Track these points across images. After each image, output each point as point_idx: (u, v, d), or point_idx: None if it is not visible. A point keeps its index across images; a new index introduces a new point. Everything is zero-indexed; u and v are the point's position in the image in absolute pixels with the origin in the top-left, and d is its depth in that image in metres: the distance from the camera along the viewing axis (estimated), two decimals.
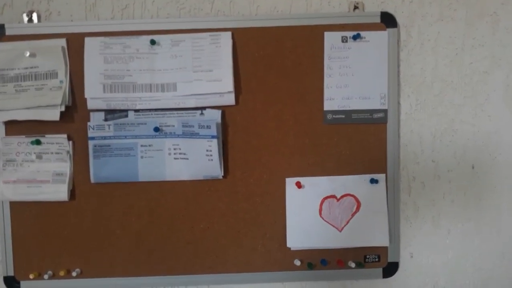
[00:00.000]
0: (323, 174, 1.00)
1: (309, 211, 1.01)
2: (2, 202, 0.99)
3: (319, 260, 1.03)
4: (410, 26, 1.01)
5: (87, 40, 0.97)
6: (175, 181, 1.00)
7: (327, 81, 0.98)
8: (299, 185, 1.00)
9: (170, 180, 1.00)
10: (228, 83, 0.96)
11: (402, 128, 1.03)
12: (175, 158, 0.99)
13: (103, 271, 1.02)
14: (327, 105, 0.99)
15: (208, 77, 0.96)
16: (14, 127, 0.98)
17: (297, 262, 1.02)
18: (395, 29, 0.99)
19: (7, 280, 1.01)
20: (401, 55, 1.01)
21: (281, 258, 1.02)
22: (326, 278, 1.04)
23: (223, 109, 0.98)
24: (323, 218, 1.01)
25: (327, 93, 0.99)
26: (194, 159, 0.98)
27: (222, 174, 0.99)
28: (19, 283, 1.01)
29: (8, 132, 0.98)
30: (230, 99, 0.97)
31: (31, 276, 1.00)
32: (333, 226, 1.01)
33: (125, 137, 0.99)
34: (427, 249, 1.06)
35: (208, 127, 0.97)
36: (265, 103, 0.99)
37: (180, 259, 1.02)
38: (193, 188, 1.00)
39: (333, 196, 1.01)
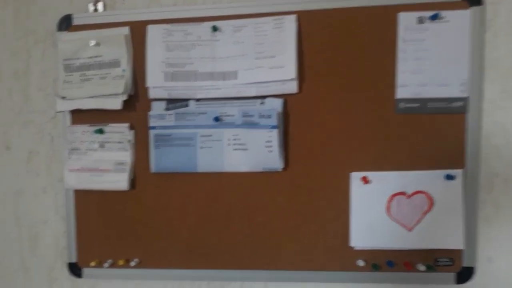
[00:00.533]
0: (393, 169, 0.93)
1: (376, 209, 0.94)
2: (68, 190, 1.02)
3: (385, 262, 0.95)
4: (497, 4, 0.91)
5: (149, 28, 0.96)
6: (233, 173, 0.97)
7: (400, 66, 0.91)
8: (365, 180, 0.93)
9: (228, 171, 0.97)
10: (291, 70, 0.92)
11: (485, 118, 0.92)
12: (234, 149, 0.96)
13: (160, 262, 1.01)
14: (400, 93, 0.91)
15: (270, 63, 0.92)
16: (79, 116, 1.00)
17: (361, 263, 0.95)
18: (479, 7, 0.89)
19: (71, 266, 1.03)
20: (486, 37, 0.91)
21: (343, 258, 0.96)
22: (392, 281, 0.96)
23: (285, 97, 0.94)
24: (391, 217, 0.93)
25: (400, 79, 0.91)
26: (253, 150, 0.95)
27: (282, 167, 0.95)
28: (81, 270, 1.03)
29: (74, 121, 1.00)
30: (292, 87, 0.93)
31: (92, 264, 1.02)
32: (402, 225, 0.93)
33: (186, 127, 0.97)
34: (508, 253, 0.95)
35: (269, 116, 0.93)
36: (330, 91, 0.93)
37: (237, 253, 0.99)
38: (251, 180, 0.97)
39: (403, 193, 0.93)
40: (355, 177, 0.94)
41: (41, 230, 1.05)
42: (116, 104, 0.96)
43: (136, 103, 0.98)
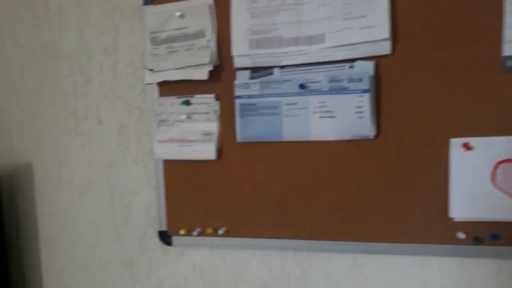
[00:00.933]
0: (498, 134, 0.84)
1: (479, 177, 0.86)
2: (157, 161, 1.05)
3: (488, 235, 0.88)
4: None
5: None
6: (320, 141, 0.94)
7: (508, 19, 0.82)
8: (467, 146, 0.86)
9: (315, 140, 0.94)
10: (383, 29, 0.86)
11: None
12: (320, 117, 0.93)
13: (247, 231, 1.01)
14: (508, 50, 0.82)
15: (360, 24, 0.87)
16: (166, 88, 1.02)
17: (461, 235, 0.89)
18: None
19: (161, 234, 1.08)
20: None
21: (441, 230, 0.90)
22: (497, 255, 0.88)
23: (377, 60, 0.88)
24: (496, 186, 0.85)
25: (508, 34, 0.82)
26: (342, 117, 0.91)
27: (374, 134, 0.90)
28: (171, 238, 1.07)
29: (161, 93, 1.02)
30: (385, 48, 0.87)
31: (181, 232, 1.05)
32: (509, 195, 0.85)
33: (270, 95, 0.95)
34: None
35: (360, 80, 0.89)
36: (427, 50, 0.86)
37: (324, 224, 0.96)
38: (339, 149, 0.93)
39: (510, 160, 0.85)
40: (456, 143, 0.87)
41: (133, 200, 1.10)
42: (202, 74, 0.96)
43: (221, 74, 0.98)
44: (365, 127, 0.90)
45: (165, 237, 1.07)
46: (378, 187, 0.92)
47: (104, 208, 1.12)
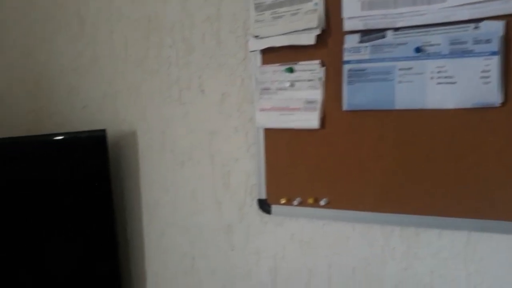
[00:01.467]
0: None
1: None
2: (258, 129, 1.05)
3: None
4: None
5: None
6: (437, 110, 0.87)
7: None
8: None
9: (431, 108, 0.87)
10: None
11: None
12: (438, 83, 0.86)
13: (351, 203, 0.98)
14: None
15: None
16: (269, 56, 1.00)
17: None
18: None
19: (261, 203, 1.08)
20: None
21: None
22: None
23: (508, 19, 0.80)
24: None
25: None
26: (463, 83, 0.83)
27: (501, 101, 0.82)
28: (270, 206, 1.07)
29: (264, 61, 1.01)
30: None
31: (282, 201, 1.05)
32: None
33: (382, 60, 0.90)
34: None
35: (488, 41, 0.80)
36: None
37: (436, 198, 0.90)
38: (459, 118, 0.86)
39: None
40: None
41: (233, 168, 1.12)
42: (309, 39, 0.93)
43: (327, 38, 0.94)
44: (491, 94, 0.82)
45: (264, 206, 1.07)
46: (503, 160, 0.84)
47: (205, 175, 1.15)
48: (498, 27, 0.80)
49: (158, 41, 1.15)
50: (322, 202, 1.00)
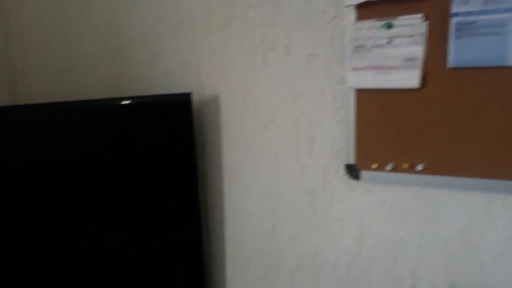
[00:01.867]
0: None
1: None
2: (348, 91, 1.00)
3: None
4: None
5: None
6: None
7: None
8: None
9: None
10: None
11: None
12: None
13: (450, 168, 0.92)
14: None
15: None
16: (365, 11, 0.94)
17: None
18: None
19: (348, 168, 1.04)
20: None
21: None
22: None
23: None
24: None
25: None
26: None
27: None
28: (359, 172, 1.04)
29: (359, 17, 0.96)
30: None
31: (373, 166, 1.00)
32: None
33: (496, 11, 0.82)
34: None
35: None
36: None
37: None
38: None
39: None
40: None
41: (318, 132, 1.08)
42: None
43: None
44: None
45: (352, 171, 1.04)
46: None
47: (288, 139, 1.13)
48: None
49: (243, 2, 1.12)
50: (419, 167, 0.95)
